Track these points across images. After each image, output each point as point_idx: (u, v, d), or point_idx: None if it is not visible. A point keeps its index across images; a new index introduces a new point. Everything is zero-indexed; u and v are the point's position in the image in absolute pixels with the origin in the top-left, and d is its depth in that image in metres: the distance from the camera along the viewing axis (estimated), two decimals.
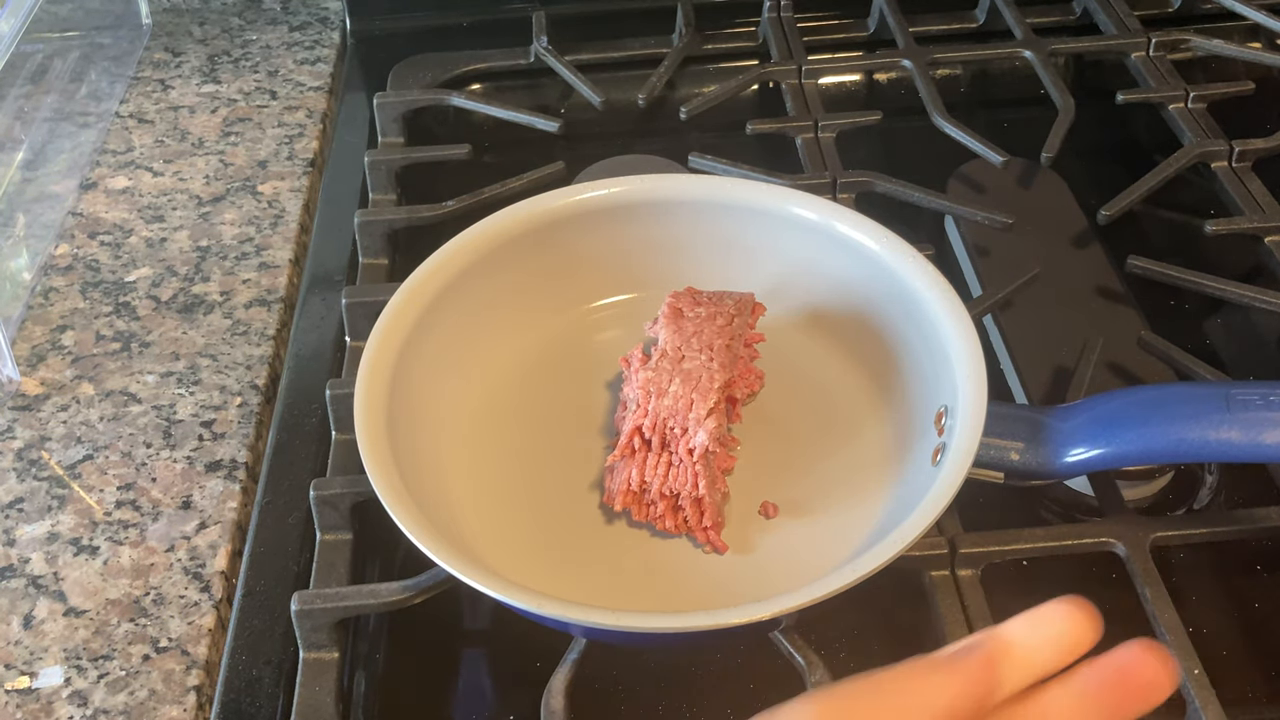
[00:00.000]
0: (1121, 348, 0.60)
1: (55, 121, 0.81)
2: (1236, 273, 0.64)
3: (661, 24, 0.85)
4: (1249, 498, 0.57)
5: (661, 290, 0.58)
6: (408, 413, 0.52)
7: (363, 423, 0.50)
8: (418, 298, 0.55)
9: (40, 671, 0.52)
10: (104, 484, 0.59)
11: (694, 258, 0.61)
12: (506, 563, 0.50)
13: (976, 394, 0.49)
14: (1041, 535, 0.52)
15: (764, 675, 0.51)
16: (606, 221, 0.60)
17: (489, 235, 0.58)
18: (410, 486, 0.48)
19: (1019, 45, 0.80)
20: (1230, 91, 0.76)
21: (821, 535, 0.52)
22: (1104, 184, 0.70)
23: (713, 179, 0.63)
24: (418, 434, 0.52)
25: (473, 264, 0.57)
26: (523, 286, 0.59)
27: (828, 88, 0.81)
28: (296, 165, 0.78)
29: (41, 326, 0.68)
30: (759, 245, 0.60)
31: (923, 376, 0.54)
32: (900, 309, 0.56)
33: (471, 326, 0.58)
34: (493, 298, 0.58)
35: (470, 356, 0.57)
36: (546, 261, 0.60)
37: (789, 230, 0.59)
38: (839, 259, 0.58)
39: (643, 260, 0.61)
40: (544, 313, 0.60)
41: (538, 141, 0.77)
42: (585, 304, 0.62)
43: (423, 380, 0.54)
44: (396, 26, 0.89)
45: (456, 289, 0.56)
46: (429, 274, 0.56)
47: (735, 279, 0.59)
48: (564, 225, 0.59)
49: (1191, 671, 0.46)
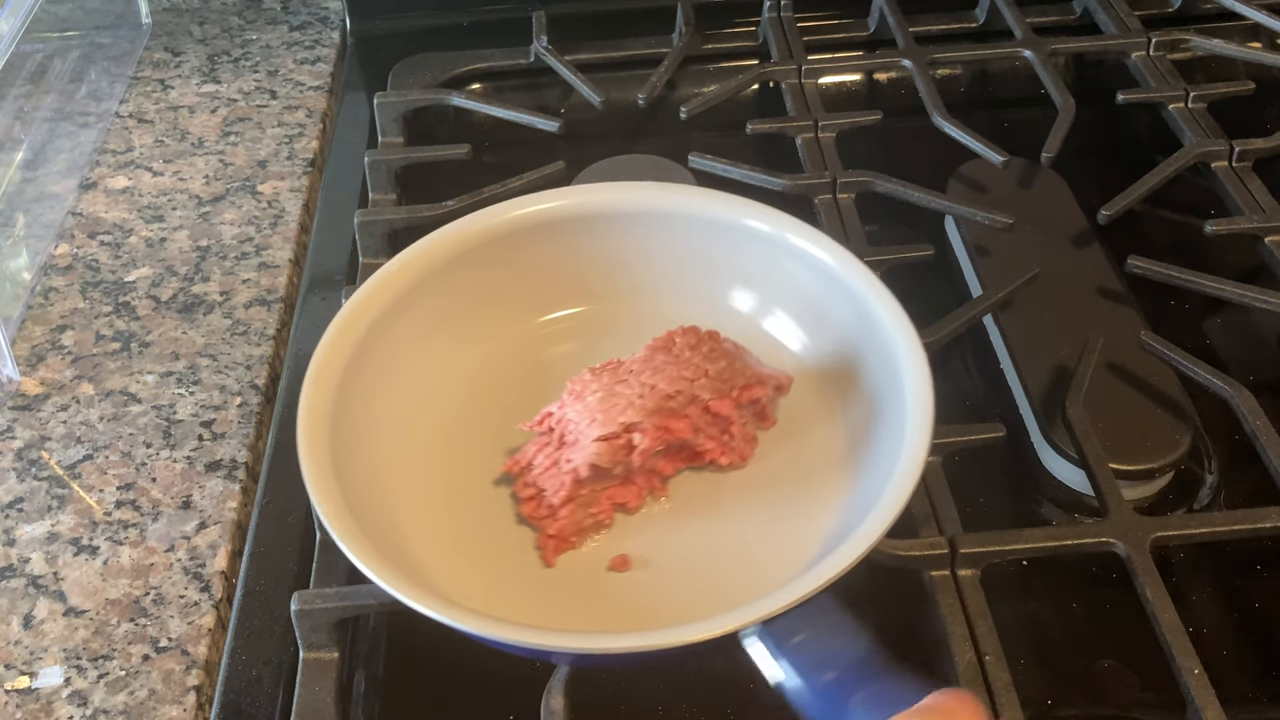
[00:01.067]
0: (1121, 348, 0.60)
1: (55, 121, 0.81)
2: (1236, 273, 0.64)
3: (661, 24, 0.85)
4: (1249, 498, 0.57)
5: (614, 303, 0.58)
6: (355, 430, 0.51)
7: (305, 443, 0.49)
8: (364, 314, 0.54)
9: (40, 671, 0.52)
10: (104, 484, 0.59)
11: (648, 270, 0.60)
12: (455, 584, 0.49)
13: (924, 413, 0.49)
14: (1041, 535, 0.52)
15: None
16: (558, 234, 0.59)
17: (438, 249, 0.57)
18: (355, 507, 0.47)
19: (1019, 45, 0.80)
20: (1230, 91, 0.76)
21: (773, 549, 0.51)
22: (1104, 184, 0.70)
23: (667, 189, 0.61)
24: (366, 451, 0.52)
25: (422, 278, 0.56)
26: (473, 300, 0.58)
27: (828, 88, 0.81)
28: (296, 165, 0.78)
29: (41, 326, 0.68)
30: (714, 257, 0.59)
31: (876, 390, 0.53)
32: (854, 322, 0.55)
33: (421, 341, 0.56)
34: (443, 311, 0.57)
35: (420, 372, 0.56)
36: (497, 274, 0.58)
37: (744, 242, 0.58)
38: (793, 271, 0.57)
39: (595, 273, 0.60)
40: (496, 326, 0.59)
41: (538, 141, 0.77)
42: (537, 317, 0.60)
43: (371, 397, 0.53)
44: (396, 26, 0.89)
45: (405, 304, 0.55)
46: (376, 289, 0.55)
47: (690, 290, 0.59)
48: (514, 238, 0.58)
49: (1191, 671, 0.46)
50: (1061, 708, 0.50)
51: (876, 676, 0.42)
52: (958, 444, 0.55)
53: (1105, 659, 0.52)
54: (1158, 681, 0.49)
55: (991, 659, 0.47)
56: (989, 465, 0.59)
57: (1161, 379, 0.59)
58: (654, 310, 0.60)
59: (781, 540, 0.51)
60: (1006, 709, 0.46)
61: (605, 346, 0.57)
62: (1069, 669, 0.52)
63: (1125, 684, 0.51)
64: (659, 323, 0.58)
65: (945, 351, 0.62)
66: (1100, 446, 0.54)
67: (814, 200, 0.69)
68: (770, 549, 0.51)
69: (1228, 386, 0.56)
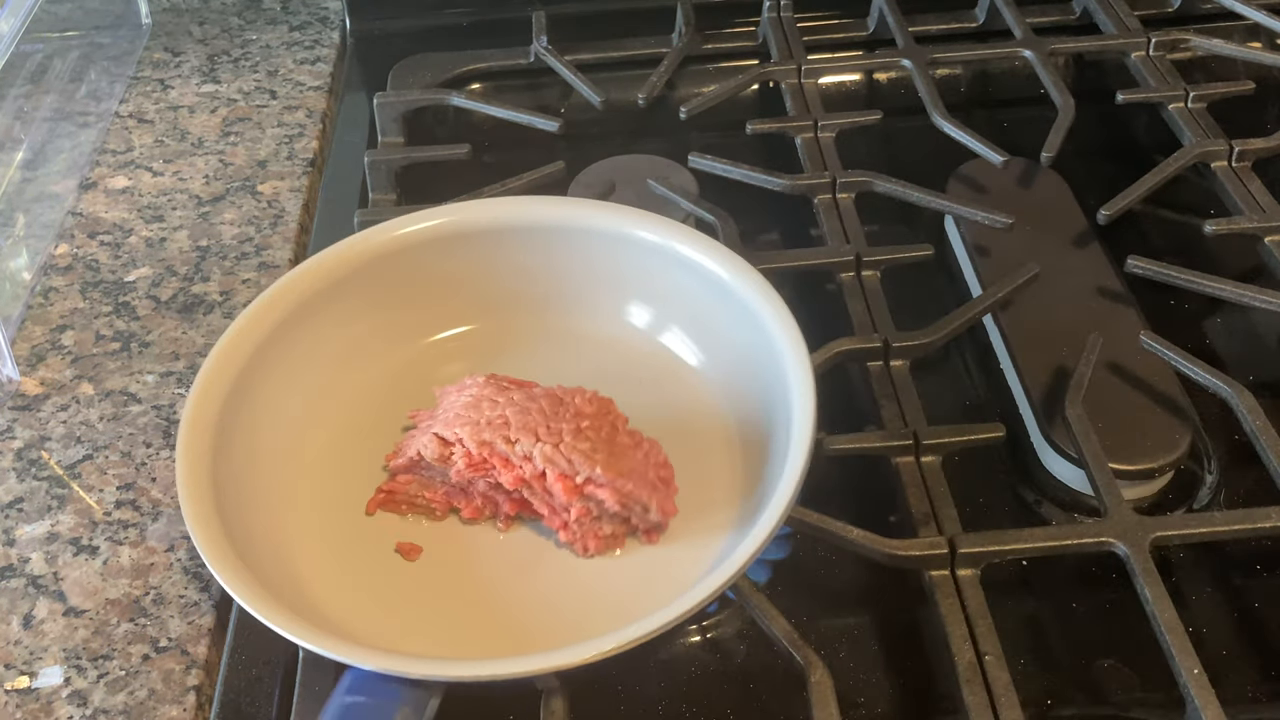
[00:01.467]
0: (1121, 348, 0.60)
1: (55, 121, 0.81)
2: (1236, 273, 0.63)
3: (661, 24, 0.85)
4: (1249, 498, 0.57)
5: (504, 319, 0.57)
6: (239, 458, 0.51)
7: (184, 478, 0.48)
8: (245, 341, 0.54)
9: (40, 671, 0.52)
10: (104, 484, 0.59)
11: (540, 285, 0.59)
12: (346, 615, 0.49)
13: (805, 421, 0.49)
14: (1041, 535, 0.52)
15: (764, 675, 0.51)
16: (446, 251, 0.58)
17: (320, 270, 0.56)
18: (238, 538, 0.47)
19: (1019, 45, 0.80)
20: (1230, 91, 0.76)
21: (673, 560, 0.51)
22: (1104, 184, 0.70)
23: (554, 202, 0.61)
24: (250, 480, 0.51)
25: (305, 300, 0.56)
26: (360, 321, 0.58)
27: (827, 87, 0.81)
28: (296, 165, 0.78)
29: (41, 326, 0.68)
30: (606, 270, 0.59)
31: (770, 403, 0.53)
32: (747, 336, 0.54)
33: (306, 365, 0.56)
34: (328, 334, 0.57)
35: (304, 398, 0.56)
36: (384, 295, 0.58)
37: (635, 254, 0.58)
38: (686, 283, 0.57)
39: (485, 289, 0.59)
40: (384, 347, 0.59)
41: (538, 141, 0.76)
42: (427, 337, 0.60)
43: (254, 427, 0.53)
44: (396, 26, 0.89)
45: (287, 328, 0.55)
46: (260, 311, 0.54)
47: (585, 305, 0.59)
48: (400, 255, 0.58)
49: (1191, 671, 0.46)
50: (1061, 707, 0.50)
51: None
52: (957, 444, 0.55)
53: (1105, 659, 0.52)
54: (1157, 681, 0.49)
55: (991, 658, 0.47)
56: (989, 465, 0.59)
57: (1161, 379, 0.59)
58: (547, 326, 0.60)
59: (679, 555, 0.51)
60: (1006, 709, 0.46)
61: (495, 364, 0.56)
62: (1069, 669, 0.52)
63: (1125, 684, 0.51)
64: (552, 340, 0.58)
65: (945, 351, 0.62)
66: (1100, 446, 0.54)
67: (814, 200, 0.69)
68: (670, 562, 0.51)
69: (1227, 386, 0.56)
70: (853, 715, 0.49)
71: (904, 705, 0.50)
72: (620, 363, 0.58)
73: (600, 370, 0.57)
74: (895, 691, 0.51)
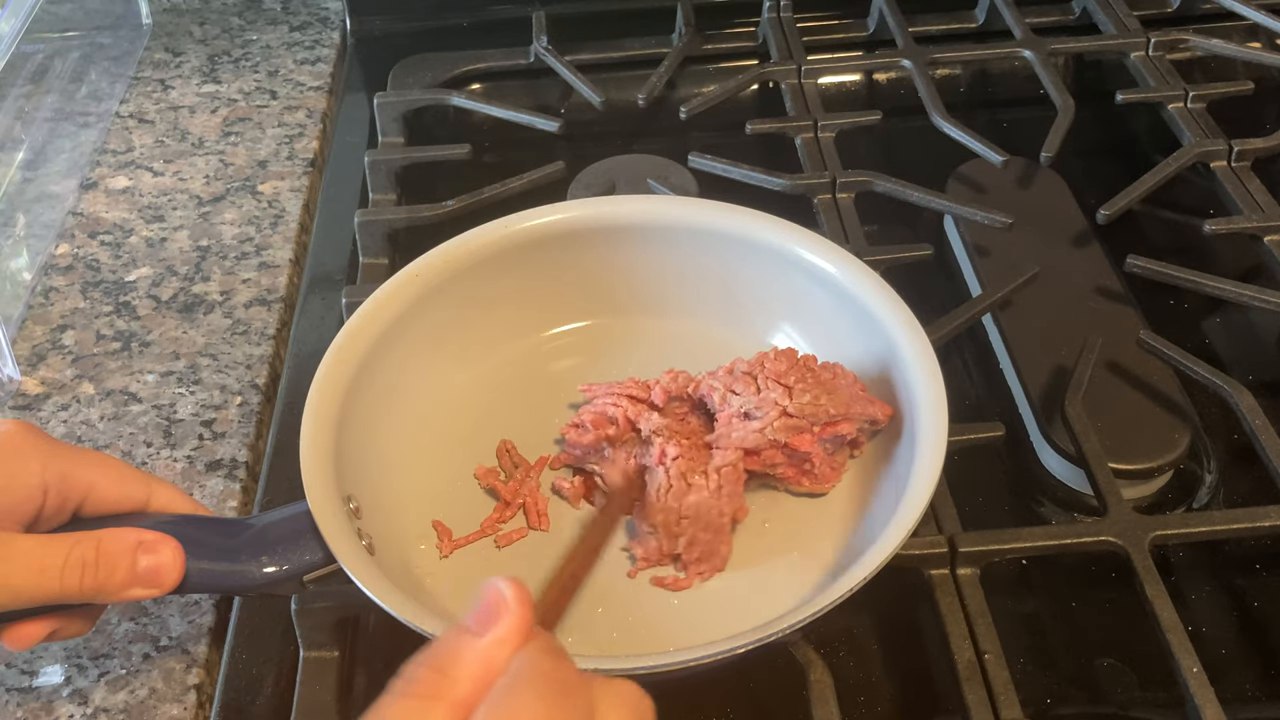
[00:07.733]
0: (1121, 348, 0.60)
1: (55, 121, 0.81)
2: (1236, 272, 0.64)
3: (661, 24, 0.85)
4: (1248, 497, 0.57)
5: (616, 317, 0.57)
6: (358, 447, 0.51)
7: (310, 468, 0.49)
8: (366, 330, 0.54)
9: (40, 670, 0.52)
10: None
11: (652, 284, 0.60)
12: (463, 599, 0.49)
13: (938, 431, 0.49)
14: (1041, 534, 0.52)
15: (764, 675, 0.51)
16: (560, 248, 0.59)
17: (441, 263, 0.57)
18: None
19: (1018, 45, 0.80)
20: (1230, 91, 0.76)
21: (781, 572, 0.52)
22: (1104, 184, 0.70)
23: (669, 201, 0.61)
24: (368, 467, 0.52)
25: (425, 293, 0.56)
26: (477, 315, 0.58)
27: (827, 88, 0.81)
28: (296, 165, 0.78)
29: (42, 326, 0.68)
30: (720, 271, 0.59)
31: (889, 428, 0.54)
32: (862, 336, 0.55)
33: (424, 357, 0.56)
34: (446, 327, 0.57)
35: (423, 388, 0.56)
36: (500, 289, 0.59)
37: (751, 256, 0.58)
38: (803, 286, 0.57)
39: (599, 287, 0.60)
40: (499, 341, 0.59)
41: (538, 141, 0.77)
42: (541, 332, 0.61)
43: (374, 416, 0.53)
44: (396, 26, 0.89)
45: (407, 320, 0.55)
46: (378, 305, 0.55)
47: (695, 305, 0.59)
48: (517, 252, 0.58)
49: (1191, 670, 0.46)
50: (1061, 706, 0.50)
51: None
52: (957, 443, 0.55)
53: (1105, 657, 0.52)
54: (1157, 680, 0.49)
55: (991, 657, 0.47)
56: (989, 465, 0.59)
57: (1161, 378, 0.59)
58: (658, 326, 0.60)
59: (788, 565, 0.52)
60: (1006, 707, 0.46)
61: (609, 361, 0.57)
62: (1069, 667, 0.52)
63: (1125, 682, 0.51)
64: (664, 338, 0.58)
65: (945, 351, 0.62)
66: (1099, 446, 0.54)
67: (813, 200, 0.69)
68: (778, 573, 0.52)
69: (1227, 386, 0.56)
70: (853, 714, 0.49)
71: (904, 704, 0.50)
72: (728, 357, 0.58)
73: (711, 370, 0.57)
74: (895, 690, 0.51)
